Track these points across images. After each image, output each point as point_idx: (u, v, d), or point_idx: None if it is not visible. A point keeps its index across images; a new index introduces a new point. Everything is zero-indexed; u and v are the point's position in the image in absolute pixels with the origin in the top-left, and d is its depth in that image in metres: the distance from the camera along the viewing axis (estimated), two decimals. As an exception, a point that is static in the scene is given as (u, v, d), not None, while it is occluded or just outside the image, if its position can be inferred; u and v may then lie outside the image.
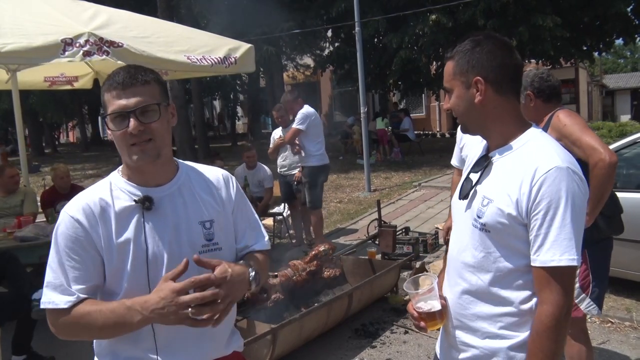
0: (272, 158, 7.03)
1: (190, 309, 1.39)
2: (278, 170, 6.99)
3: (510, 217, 1.49)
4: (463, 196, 1.65)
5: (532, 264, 1.48)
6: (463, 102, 1.60)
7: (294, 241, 7.33)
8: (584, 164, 2.83)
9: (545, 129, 2.89)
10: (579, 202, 1.47)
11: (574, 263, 1.44)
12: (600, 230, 2.93)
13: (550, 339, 1.45)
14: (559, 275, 1.45)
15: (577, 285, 2.96)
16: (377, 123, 16.43)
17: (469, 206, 1.62)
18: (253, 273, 1.58)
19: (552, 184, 1.45)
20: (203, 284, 1.41)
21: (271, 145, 6.96)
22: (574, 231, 1.44)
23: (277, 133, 6.95)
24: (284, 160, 6.88)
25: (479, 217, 1.56)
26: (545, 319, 1.45)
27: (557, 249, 1.44)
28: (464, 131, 1.68)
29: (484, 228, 1.54)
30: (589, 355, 3.06)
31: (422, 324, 1.67)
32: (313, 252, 4.97)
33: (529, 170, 1.48)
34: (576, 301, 2.97)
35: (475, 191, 1.61)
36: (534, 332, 1.48)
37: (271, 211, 7.67)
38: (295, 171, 6.72)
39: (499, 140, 1.60)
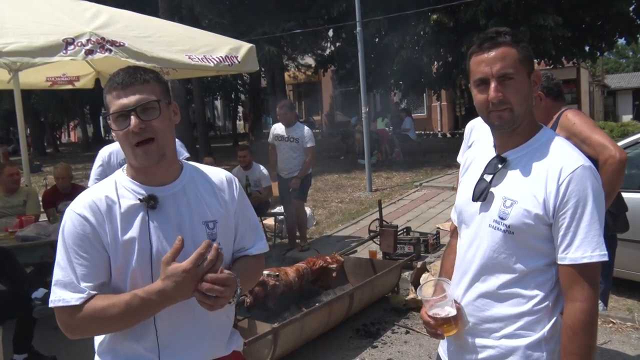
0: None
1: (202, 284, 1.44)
2: (278, 172, 6.94)
3: (537, 218, 1.50)
4: (477, 197, 1.62)
5: (560, 262, 1.49)
6: (525, 91, 1.57)
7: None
8: (593, 161, 2.94)
9: (553, 128, 2.96)
10: (602, 199, 1.50)
11: (605, 258, 1.46)
12: (607, 227, 2.95)
13: (587, 335, 1.46)
14: (589, 272, 1.47)
15: None
16: (377, 123, 16.40)
17: (484, 208, 1.60)
18: (238, 290, 1.55)
19: (579, 182, 1.47)
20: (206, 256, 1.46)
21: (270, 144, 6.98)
22: (601, 228, 1.47)
23: (277, 129, 6.83)
24: (284, 163, 6.82)
25: (502, 218, 1.55)
26: (581, 316, 1.46)
27: (588, 245, 1.46)
28: (511, 124, 1.56)
29: (508, 230, 1.54)
30: None
31: (439, 331, 1.64)
32: (323, 264, 4.94)
33: (554, 170, 1.49)
34: None
35: (492, 193, 1.59)
36: (569, 331, 1.47)
37: (272, 211, 7.66)
38: (295, 175, 6.68)
39: (520, 138, 1.59)
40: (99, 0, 5.44)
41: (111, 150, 4.74)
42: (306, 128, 6.81)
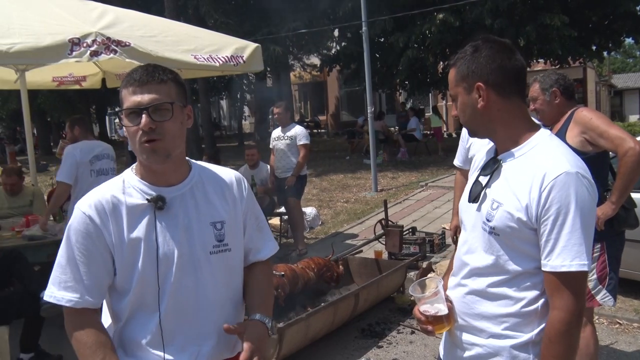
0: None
1: None
2: (274, 173, 6.96)
3: (520, 222, 1.49)
4: (472, 199, 1.64)
5: (543, 269, 1.48)
6: (468, 108, 1.60)
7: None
8: (605, 155, 3.02)
9: (566, 125, 3.04)
10: (589, 206, 1.46)
11: (585, 268, 1.44)
12: (620, 222, 3.01)
13: (562, 344, 1.45)
14: (570, 281, 1.45)
15: (594, 276, 3.04)
16: (431, 121, 16.47)
17: (478, 209, 1.62)
18: (269, 323, 1.65)
19: (561, 189, 1.44)
20: None
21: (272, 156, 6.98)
22: (584, 236, 1.44)
23: (275, 133, 6.93)
24: (278, 162, 6.85)
25: (488, 220, 1.55)
26: (557, 325, 1.45)
27: (568, 254, 1.43)
28: (473, 136, 1.70)
29: (493, 231, 1.54)
30: (594, 339, 3.12)
31: (430, 327, 1.65)
32: (328, 278, 4.91)
33: (538, 175, 1.47)
34: (592, 292, 3.05)
35: (485, 194, 1.60)
36: (546, 338, 1.48)
37: (277, 211, 7.66)
38: (290, 174, 6.70)
39: (507, 143, 1.59)
40: (105, 0, 5.45)
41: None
42: (301, 127, 6.94)
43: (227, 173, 1.74)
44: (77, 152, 4.96)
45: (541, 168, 1.48)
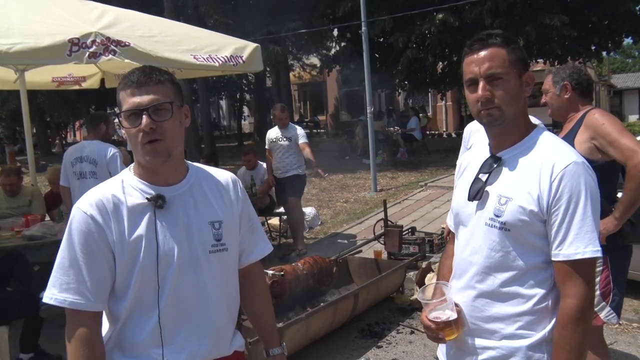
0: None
1: None
2: (273, 173, 6.94)
3: (532, 214, 1.50)
4: (472, 197, 1.63)
5: (554, 258, 1.50)
6: (519, 93, 1.59)
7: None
8: (614, 165, 2.77)
9: (577, 127, 2.83)
10: (596, 195, 1.50)
11: (598, 254, 1.46)
12: (624, 237, 2.81)
13: (577, 331, 1.46)
14: (582, 268, 1.47)
15: (597, 292, 2.80)
16: (421, 121, 16.80)
17: (480, 207, 1.62)
18: (284, 349, 1.84)
19: (571, 178, 1.47)
20: None
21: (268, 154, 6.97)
22: (594, 223, 1.47)
23: (271, 133, 6.90)
24: (278, 162, 6.84)
25: (497, 216, 1.55)
26: (570, 312, 1.46)
27: (581, 241, 1.46)
28: (496, 123, 1.58)
29: (504, 227, 1.54)
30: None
31: (441, 334, 1.64)
32: (324, 281, 4.93)
33: (547, 166, 1.50)
34: (596, 310, 2.81)
35: (487, 191, 1.60)
36: (559, 326, 1.49)
37: (277, 211, 7.66)
38: (289, 174, 6.71)
39: (514, 138, 1.61)
40: (105, 0, 5.46)
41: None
42: (298, 127, 6.97)
43: (222, 174, 1.75)
44: (65, 155, 5.04)
45: (548, 159, 1.51)
